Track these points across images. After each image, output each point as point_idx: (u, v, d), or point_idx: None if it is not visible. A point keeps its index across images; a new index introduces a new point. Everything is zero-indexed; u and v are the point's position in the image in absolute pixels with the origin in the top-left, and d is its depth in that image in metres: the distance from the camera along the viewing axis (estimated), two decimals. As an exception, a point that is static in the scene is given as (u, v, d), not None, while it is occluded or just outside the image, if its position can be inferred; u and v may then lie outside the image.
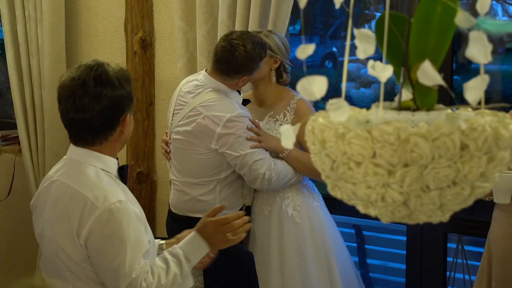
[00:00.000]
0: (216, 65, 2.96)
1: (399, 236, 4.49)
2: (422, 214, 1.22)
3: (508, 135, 1.18)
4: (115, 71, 2.17)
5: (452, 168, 1.15)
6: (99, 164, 2.18)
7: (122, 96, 2.15)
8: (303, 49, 1.19)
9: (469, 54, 1.19)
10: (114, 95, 2.13)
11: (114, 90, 2.13)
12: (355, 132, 1.17)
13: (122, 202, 2.08)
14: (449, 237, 4.19)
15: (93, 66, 2.15)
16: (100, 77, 2.13)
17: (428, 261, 3.43)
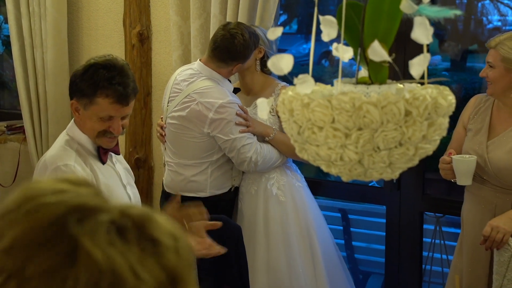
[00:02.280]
0: (214, 53, 3.15)
1: (382, 219, 4.68)
2: (375, 171, 1.41)
3: (445, 104, 1.38)
4: (88, 62, 2.43)
5: (398, 131, 1.35)
6: (71, 133, 2.47)
7: (72, 77, 2.44)
8: (273, 31, 1.38)
9: (414, 36, 1.38)
10: (70, 77, 2.46)
11: (72, 73, 2.46)
12: (317, 101, 1.36)
13: (68, 165, 2.33)
14: (428, 219, 4.38)
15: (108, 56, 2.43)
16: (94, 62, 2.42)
17: (406, 241, 3.60)
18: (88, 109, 2.39)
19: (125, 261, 0.80)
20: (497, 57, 2.76)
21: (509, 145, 2.79)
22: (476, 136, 2.88)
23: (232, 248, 2.87)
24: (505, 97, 2.81)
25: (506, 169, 2.76)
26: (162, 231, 0.85)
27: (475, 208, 2.89)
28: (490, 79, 2.79)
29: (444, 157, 2.85)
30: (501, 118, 2.87)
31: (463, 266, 2.96)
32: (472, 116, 2.94)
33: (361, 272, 4.80)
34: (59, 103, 4.31)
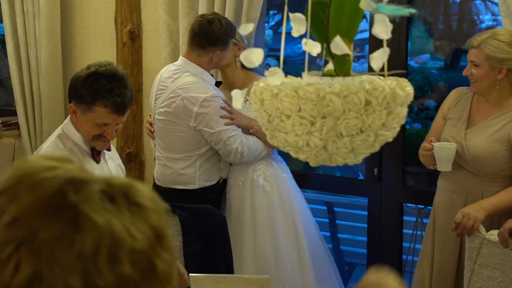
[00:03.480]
0: (193, 40, 3.27)
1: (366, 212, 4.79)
2: (339, 157, 1.52)
3: (403, 94, 1.48)
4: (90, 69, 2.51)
5: (359, 119, 1.45)
6: (67, 131, 2.56)
7: (73, 81, 2.52)
8: (244, 27, 1.49)
9: (374, 32, 1.49)
10: (74, 75, 2.55)
11: (77, 73, 2.54)
12: (285, 92, 1.47)
13: None
14: (410, 211, 4.49)
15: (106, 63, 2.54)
16: (87, 65, 2.53)
17: (387, 232, 3.70)
18: (86, 114, 2.49)
19: (121, 223, 0.91)
20: (481, 56, 2.85)
21: (487, 133, 2.90)
22: (456, 125, 2.99)
23: (217, 237, 2.98)
24: (489, 93, 2.92)
25: (482, 156, 2.87)
26: (144, 196, 0.97)
27: (449, 195, 3.00)
28: (475, 77, 2.89)
29: (425, 144, 2.96)
30: (480, 109, 2.98)
31: (434, 251, 3.06)
32: (453, 107, 3.05)
33: (347, 264, 4.91)
34: (52, 99, 4.40)
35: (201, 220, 2.89)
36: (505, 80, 2.87)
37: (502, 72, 2.83)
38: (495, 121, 2.90)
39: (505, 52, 2.80)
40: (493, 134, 2.88)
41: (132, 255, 0.91)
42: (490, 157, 2.87)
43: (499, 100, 2.91)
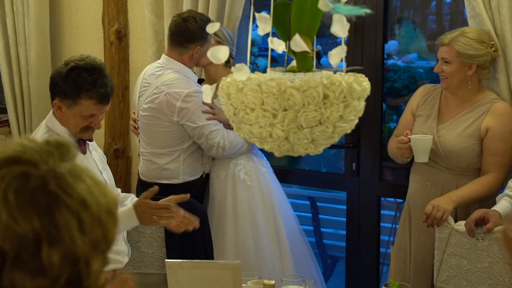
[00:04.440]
0: (172, 39, 3.37)
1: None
2: (300, 147, 1.62)
3: (359, 89, 1.58)
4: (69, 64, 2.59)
5: (318, 112, 1.55)
6: (52, 126, 2.65)
7: (51, 83, 2.62)
8: (211, 26, 1.58)
9: (333, 30, 1.58)
10: (53, 72, 2.64)
11: (56, 70, 2.62)
12: (249, 86, 1.57)
13: None
14: (389, 205, 4.59)
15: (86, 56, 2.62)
16: (65, 61, 2.63)
17: (365, 224, 3.78)
18: (72, 109, 2.58)
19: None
20: (452, 53, 2.95)
21: (458, 129, 3.00)
22: (426, 121, 3.09)
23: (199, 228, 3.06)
24: (458, 89, 3.01)
25: (455, 151, 2.97)
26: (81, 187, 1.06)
27: (422, 189, 3.09)
28: (446, 74, 2.99)
29: (402, 137, 3.04)
30: (449, 106, 3.07)
31: (408, 242, 3.16)
32: (421, 104, 3.15)
33: (330, 257, 5.00)
34: (41, 97, 4.48)
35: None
36: (475, 76, 2.97)
37: (472, 68, 2.93)
38: (465, 117, 3.00)
39: (475, 49, 2.90)
40: (465, 130, 2.98)
41: None
42: (462, 152, 2.96)
43: (468, 96, 3.01)
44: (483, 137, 2.95)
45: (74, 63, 2.57)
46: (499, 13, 2.94)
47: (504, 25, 2.93)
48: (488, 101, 2.97)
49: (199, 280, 2.01)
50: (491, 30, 2.97)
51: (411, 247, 3.14)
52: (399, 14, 5.07)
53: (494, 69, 3.01)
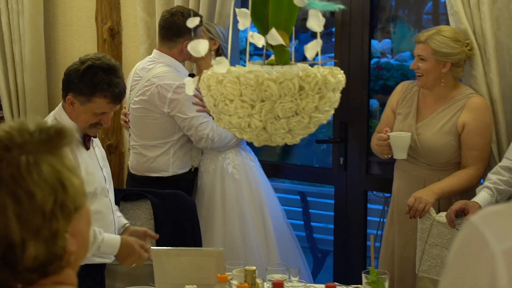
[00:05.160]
0: (161, 34, 3.44)
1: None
2: (278, 137, 1.68)
3: (334, 81, 1.64)
4: (87, 63, 2.63)
5: (294, 103, 1.61)
6: (60, 119, 2.68)
7: (66, 79, 2.66)
8: (191, 21, 1.65)
9: (309, 25, 1.65)
10: (69, 68, 2.67)
11: (71, 65, 2.66)
12: (228, 78, 1.63)
13: None
14: (377, 199, 4.65)
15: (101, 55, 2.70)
16: (81, 58, 2.66)
17: (352, 218, 3.84)
18: (85, 105, 2.64)
19: None
20: (428, 51, 3.01)
21: (436, 127, 3.06)
22: (405, 119, 3.15)
23: (187, 220, 3.13)
24: (434, 86, 3.07)
25: (434, 148, 3.03)
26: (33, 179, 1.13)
27: (405, 185, 3.16)
28: (422, 71, 3.05)
29: (381, 135, 3.11)
30: (427, 103, 3.14)
31: (394, 236, 3.22)
32: (401, 101, 3.21)
33: (320, 251, 5.06)
34: (36, 93, 4.53)
35: (172, 205, 3.04)
36: (449, 74, 3.03)
37: (446, 66, 2.99)
38: (442, 114, 3.06)
39: (450, 47, 2.96)
40: (442, 127, 3.04)
41: None
42: (441, 148, 3.03)
43: (444, 93, 3.07)
44: (461, 133, 3.01)
45: (91, 61, 2.63)
46: (479, 10, 3.00)
47: (484, 22, 3.00)
48: (463, 97, 3.03)
49: (184, 267, 2.07)
50: (468, 28, 3.03)
51: (395, 241, 3.21)
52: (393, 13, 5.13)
53: (471, 66, 3.08)
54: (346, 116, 3.75)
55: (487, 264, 1.06)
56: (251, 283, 1.93)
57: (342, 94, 3.68)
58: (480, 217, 1.11)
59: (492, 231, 1.08)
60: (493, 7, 2.97)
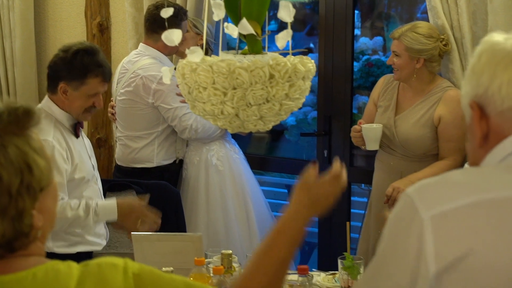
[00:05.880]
0: (146, 27, 3.51)
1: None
2: (250, 123, 1.73)
3: (303, 69, 1.70)
4: (71, 50, 2.72)
5: (264, 90, 1.67)
6: (54, 114, 2.72)
7: (54, 69, 2.73)
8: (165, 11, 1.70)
9: (280, 16, 1.70)
10: (54, 60, 2.74)
11: (55, 57, 2.73)
12: (202, 67, 1.68)
13: (46, 141, 2.60)
14: (362, 192, 4.71)
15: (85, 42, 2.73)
16: (62, 49, 2.74)
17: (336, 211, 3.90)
18: (79, 89, 2.71)
19: None
20: (401, 47, 3.07)
21: (413, 119, 3.12)
22: (385, 112, 3.21)
23: (171, 210, 3.19)
24: (409, 80, 3.13)
25: (410, 140, 3.09)
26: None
27: (384, 175, 3.22)
28: (397, 66, 3.11)
29: (355, 126, 3.18)
30: (406, 96, 3.20)
31: (371, 226, 3.28)
32: (382, 94, 3.27)
33: (307, 244, 5.11)
34: (26, 88, 4.58)
35: (156, 195, 3.09)
36: (424, 69, 3.08)
37: (420, 62, 3.05)
38: (419, 106, 3.12)
39: (422, 44, 3.02)
40: (419, 119, 3.10)
41: None
42: (418, 140, 3.08)
43: (421, 86, 3.13)
44: (437, 125, 3.07)
45: (76, 47, 2.73)
46: (456, 5, 3.06)
47: (461, 16, 3.05)
48: (440, 90, 3.09)
49: (163, 252, 2.13)
50: (445, 23, 3.09)
51: (372, 228, 3.27)
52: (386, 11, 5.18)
53: (449, 60, 3.13)
54: (330, 110, 3.81)
55: (417, 229, 1.16)
56: (227, 266, 1.98)
57: (327, 89, 3.82)
58: (414, 188, 1.22)
59: (422, 200, 1.18)
60: (470, 2, 3.03)
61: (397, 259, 1.20)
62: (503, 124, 1.23)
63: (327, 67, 3.80)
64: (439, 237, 1.15)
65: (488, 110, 1.24)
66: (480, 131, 1.25)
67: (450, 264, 1.14)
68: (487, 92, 1.23)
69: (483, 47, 1.27)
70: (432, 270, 1.14)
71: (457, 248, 1.14)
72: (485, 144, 1.26)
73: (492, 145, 1.25)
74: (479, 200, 1.16)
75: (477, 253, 1.13)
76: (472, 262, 1.13)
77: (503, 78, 1.22)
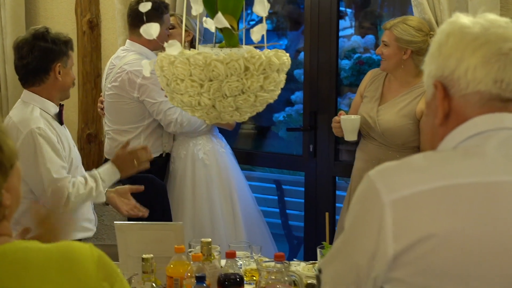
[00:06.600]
0: (129, 23, 3.57)
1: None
2: (227, 114, 1.79)
3: (277, 62, 1.75)
4: (53, 33, 2.79)
5: (240, 82, 1.72)
6: (37, 104, 2.76)
7: (50, 48, 2.74)
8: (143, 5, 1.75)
9: (255, 10, 1.75)
10: (44, 46, 2.72)
11: (45, 43, 2.72)
12: (179, 59, 1.73)
13: (40, 128, 2.67)
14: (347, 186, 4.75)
15: (37, 28, 2.75)
16: (37, 33, 2.78)
17: (322, 204, 3.95)
18: (67, 63, 2.81)
19: None
20: (391, 37, 3.15)
21: (395, 109, 3.19)
22: (369, 102, 3.28)
23: (157, 202, 3.24)
24: (396, 71, 3.20)
25: (391, 129, 3.15)
26: None
27: (363, 165, 3.28)
28: (385, 56, 3.18)
29: (335, 118, 3.26)
30: (391, 88, 3.27)
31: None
32: (368, 86, 3.34)
33: (296, 238, 5.17)
34: (17, 85, 4.53)
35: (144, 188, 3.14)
36: (410, 61, 3.15)
37: (407, 53, 3.13)
38: (403, 98, 3.19)
39: (411, 35, 3.10)
40: (401, 109, 3.17)
41: None
42: (398, 130, 3.15)
43: (407, 79, 3.20)
44: (419, 119, 3.13)
45: (41, 30, 2.81)
46: (439, 2, 3.12)
47: (443, 13, 3.11)
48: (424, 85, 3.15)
49: (146, 240, 2.18)
50: (431, 19, 3.15)
51: None
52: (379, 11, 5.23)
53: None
54: (315, 105, 3.87)
55: (377, 212, 1.20)
56: (206, 254, 2.03)
57: (312, 85, 3.86)
58: (376, 171, 1.25)
59: (384, 183, 1.22)
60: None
61: (358, 239, 1.24)
62: (465, 106, 1.26)
63: (312, 64, 3.86)
64: (399, 221, 1.18)
65: (451, 92, 1.27)
66: (442, 110, 1.28)
67: (408, 247, 1.17)
68: (453, 75, 1.26)
69: (451, 28, 1.29)
70: (391, 252, 1.18)
71: (416, 232, 1.17)
72: (445, 123, 1.29)
73: (452, 125, 1.28)
74: (438, 186, 1.20)
75: (435, 237, 1.16)
76: (429, 245, 1.17)
77: (470, 63, 1.24)
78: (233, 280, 1.98)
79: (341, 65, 4.85)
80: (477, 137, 1.24)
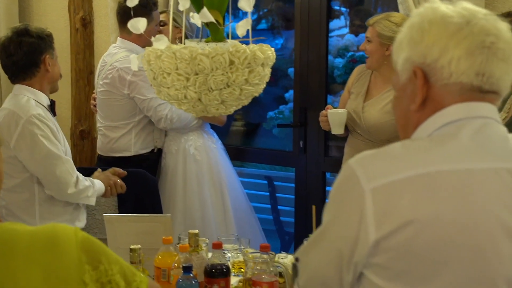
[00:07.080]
0: (118, 20, 3.60)
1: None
2: (212, 107, 1.82)
3: (262, 56, 1.78)
4: (34, 28, 2.89)
5: (225, 76, 1.75)
6: (31, 95, 2.82)
7: (37, 43, 2.81)
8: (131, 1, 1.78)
9: (240, 5, 1.78)
10: (31, 41, 2.77)
11: (31, 38, 2.79)
12: (166, 53, 1.76)
13: (40, 114, 2.75)
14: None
15: (17, 26, 2.81)
16: (20, 31, 2.85)
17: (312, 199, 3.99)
18: (53, 56, 2.90)
19: None
20: (374, 33, 3.18)
21: (380, 105, 3.22)
22: (356, 98, 3.31)
23: (148, 197, 3.27)
24: (379, 68, 3.23)
25: (375, 125, 3.19)
26: None
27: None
28: (368, 52, 3.22)
29: (322, 111, 3.29)
30: (377, 84, 3.30)
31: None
32: (355, 82, 3.38)
33: (287, 234, 5.20)
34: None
35: (134, 182, 3.17)
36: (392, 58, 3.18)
37: (389, 50, 3.15)
38: (387, 94, 3.22)
39: (393, 32, 3.12)
40: (385, 106, 3.20)
41: None
42: (382, 126, 3.19)
43: (391, 75, 3.22)
44: None
45: (22, 27, 2.88)
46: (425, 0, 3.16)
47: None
48: None
49: (135, 232, 2.21)
50: (417, 16, 3.19)
51: None
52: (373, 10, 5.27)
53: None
54: (305, 102, 3.90)
55: (358, 200, 1.22)
56: (194, 245, 2.06)
57: (302, 82, 3.89)
58: (356, 159, 1.27)
59: (364, 171, 1.24)
60: (436, -4, 3.13)
61: (339, 226, 1.26)
62: (445, 95, 1.28)
63: (302, 61, 3.89)
64: (379, 208, 1.21)
65: (432, 79, 1.28)
66: (422, 97, 1.29)
67: (389, 233, 1.20)
68: (436, 63, 1.27)
69: (432, 15, 1.28)
70: (372, 239, 1.21)
71: (396, 219, 1.20)
72: (421, 109, 1.30)
73: (428, 112, 1.29)
74: (417, 174, 1.22)
75: (415, 223, 1.19)
76: (409, 231, 1.19)
77: (454, 54, 1.25)
78: (220, 270, 2.01)
79: (335, 63, 4.89)
80: (452, 125, 1.27)
